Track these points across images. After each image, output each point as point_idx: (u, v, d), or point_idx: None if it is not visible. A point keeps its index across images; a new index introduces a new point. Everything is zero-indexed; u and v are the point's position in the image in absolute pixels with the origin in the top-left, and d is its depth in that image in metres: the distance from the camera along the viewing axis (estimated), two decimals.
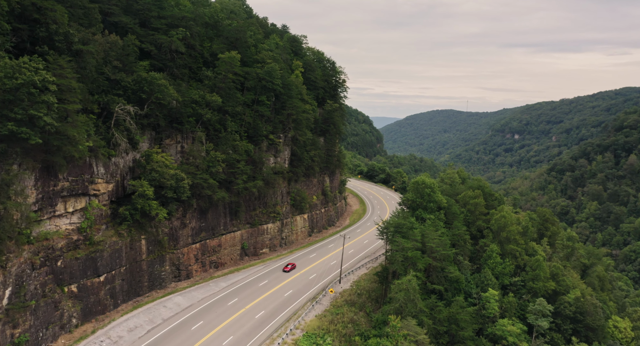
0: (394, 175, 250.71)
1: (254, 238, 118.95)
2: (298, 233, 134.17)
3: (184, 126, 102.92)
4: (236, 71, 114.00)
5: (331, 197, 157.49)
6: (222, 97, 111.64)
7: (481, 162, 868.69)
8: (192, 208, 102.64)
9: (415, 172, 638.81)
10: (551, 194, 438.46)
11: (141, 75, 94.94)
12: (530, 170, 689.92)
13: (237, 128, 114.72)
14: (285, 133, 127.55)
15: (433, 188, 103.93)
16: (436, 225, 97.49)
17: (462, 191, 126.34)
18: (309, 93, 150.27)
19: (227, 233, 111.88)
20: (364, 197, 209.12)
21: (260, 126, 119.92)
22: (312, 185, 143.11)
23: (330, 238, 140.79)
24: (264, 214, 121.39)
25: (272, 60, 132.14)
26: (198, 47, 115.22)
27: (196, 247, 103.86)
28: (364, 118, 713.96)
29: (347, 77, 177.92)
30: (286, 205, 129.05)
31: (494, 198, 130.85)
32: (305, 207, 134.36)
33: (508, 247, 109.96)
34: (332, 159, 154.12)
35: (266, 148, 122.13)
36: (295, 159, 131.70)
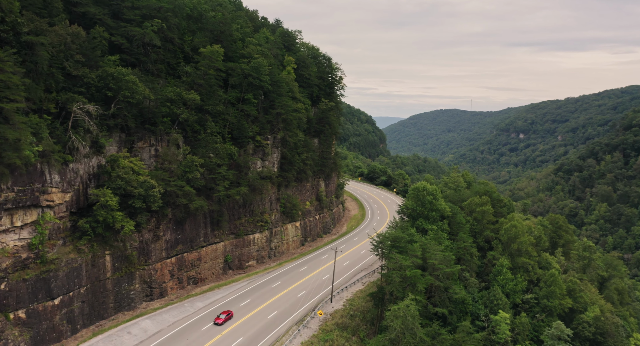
0: (395, 177, 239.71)
1: (238, 250, 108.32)
2: (289, 243, 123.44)
3: (158, 127, 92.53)
4: (218, 66, 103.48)
5: (327, 202, 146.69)
6: (202, 95, 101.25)
7: (486, 161, 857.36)
8: (166, 218, 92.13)
9: (419, 173, 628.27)
10: (559, 195, 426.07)
11: (107, 71, 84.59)
12: (536, 170, 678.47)
13: (219, 129, 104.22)
14: (274, 134, 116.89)
15: (435, 195, 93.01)
16: (439, 237, 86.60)
17: (467, 197, 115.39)
18: (302, 91, 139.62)
19: (207, 245, 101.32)
20: (364, 201, 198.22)
21: (246, 127, 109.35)
22: (304, 190, 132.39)
23: (325, 247, 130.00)
24: (250, 223, 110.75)
25: (261, 56, 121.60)
26: (177, 40, 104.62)
27: (171, 262, 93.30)
28: (366, 118, 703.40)
29: (344, 74, 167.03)
30: (275, 212, 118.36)
31: (503, 204, 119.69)
32: (296, 214, 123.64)
33: (519, 260, 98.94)
34: (327, 162, 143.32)
35: (252, 151, 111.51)
36: (286, 163, 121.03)
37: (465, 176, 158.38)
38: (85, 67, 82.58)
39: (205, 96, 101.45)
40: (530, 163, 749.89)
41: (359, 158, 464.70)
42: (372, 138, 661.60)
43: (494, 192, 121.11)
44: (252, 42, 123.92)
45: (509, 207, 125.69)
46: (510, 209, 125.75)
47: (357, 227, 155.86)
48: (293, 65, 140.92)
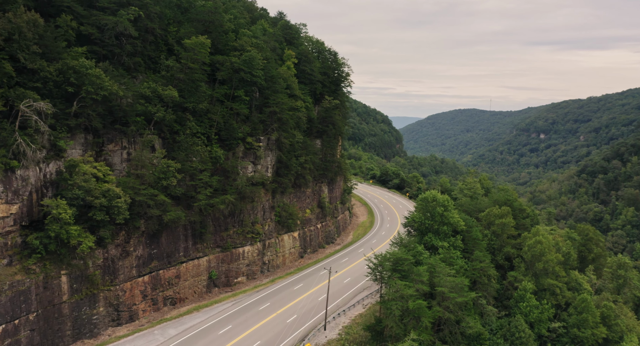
0: (408, 180, 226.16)
1: (225, 265, 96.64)
2: (285, 255, 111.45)
3: (130, 127, 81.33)
4: (202, 59, 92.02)
5: (330, 209, 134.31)
6: (183, 91, 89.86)
7: (505, 162, 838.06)
8: (138, 231, 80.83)
9: (436, 174, 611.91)
10: (582, 198, 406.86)
11: (68, 64, 73.68)
12: (557, 171, 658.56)
13: (204, 129, 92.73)
14: (268, 135, 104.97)
15: (447, 206, 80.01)
16: (450, 257, 73.72)
17: (485, 206, 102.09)
18: (303, 89, 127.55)
19: (188, 260, 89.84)
20: (374, 206, 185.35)
21: (235, 127, 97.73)
22: (304, 196, 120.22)
23: (326, 260, 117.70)
24: (240, 235, 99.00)
25: (255, 48, 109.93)
26: (158, 31, 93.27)
27: (144, 281, 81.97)
28: (382, 118, 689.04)
29: (351, 70, 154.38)
30: (269, 222, 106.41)
31: (526, 215, 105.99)
32: (294, 223, 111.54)
33: (545, 282, 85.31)
34: (330, 165, 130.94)
35: (242, 154, 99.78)
36: (282, 167, 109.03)
37: (482, 181, 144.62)
38: (44, 60, 71.97)
39: (186, 92, 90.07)
40: (551, 164, 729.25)
41: (374, 159, 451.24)
42: (388, 138, 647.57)
43: (515, 200, 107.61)
44: (245, 34, 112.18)
45: (533, 218, 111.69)
46: (534, 221, 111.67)
47: (364, 236, 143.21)
48: (294, 60, 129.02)
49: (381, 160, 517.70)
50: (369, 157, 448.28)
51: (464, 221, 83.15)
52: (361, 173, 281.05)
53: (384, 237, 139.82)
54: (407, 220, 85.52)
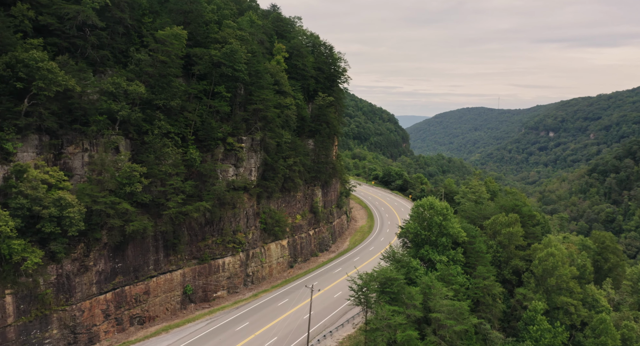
0: (412, 181, 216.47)
1: (203, 279, 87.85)
2: (272, 266, 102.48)
3: (90, 127, 72.78)
4: (176, 52, 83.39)
5: (324, 214, 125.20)
6: (153, 87, 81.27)
7: (514, 161, 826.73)
8: (99, 244, 72.20)
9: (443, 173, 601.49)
10: (594, 199, 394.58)
11: (16, 56, 65.44)
12: (567, 170, 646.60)
13: (178, 129, 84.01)
14: (252, 135, 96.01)
15: (446, 215, 70.52)
16: (449, 274, 64.28)
17: (490, 212, 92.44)
18: (294, 84, 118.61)
19: (159, 274, 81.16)
20: (374, 209, 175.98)
21: (214, 126, 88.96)
22: (294, 201, 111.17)
23: (318, 270, 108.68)
24: (219, 245, 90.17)
25: (239, 41, 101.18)
26: (129, 21, 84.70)
27: (106, 299, 73.35)
28: (388, 117, 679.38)
29: (348, 66, 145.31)
30: (253, 230, 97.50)
31: (536, 222, 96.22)
32: (281, 231, 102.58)
33: (558, 300, 75.59)
34: (324, 167, 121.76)
35: (222, 156, 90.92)
36: (268, 169, 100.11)
37: (488, 184, 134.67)
38: None
39: (157, 88, 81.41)
40: (561, 162, 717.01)
41: (379, 159, 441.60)
42: (394, 137, 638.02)
43: (524, 205, 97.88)
44: (229, 26, 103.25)
45: (544, 226, 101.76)
46: (545, 228, 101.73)
47: (361, 242, 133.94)
48: (284, 54, 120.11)
49: (387, 160, 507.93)
50: (374, 156, 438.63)
51: (466, 231, 73.63)
52: (364, 173, 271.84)
53: (382, 243, 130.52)
54: (401, 230, 76.12)
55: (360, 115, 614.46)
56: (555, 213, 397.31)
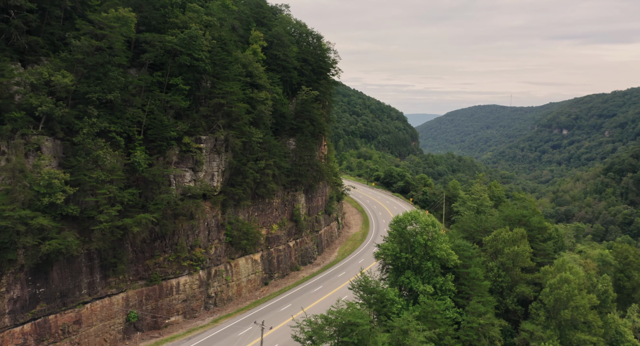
0: (414, 182, 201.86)
1: (152, 302, 74.81)
2: (241, 284, 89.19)
3: (5, 126, 60.23)
4: (116, 37, 70.54)
5: (308, 222, 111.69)
6: (88, 78, 68.53)
7: (526, 159, 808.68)
8: (14, 266, 59.45)
9: (453, 172, 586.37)
10: (610, 199, 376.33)
11: None
12: (581, 168, 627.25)
13: (121, 127, 71.05)
14: (214, 134, 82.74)
15: (433, 234, 56.33)
16: (434, 311, 50.27)
17: (493, 225, 77.96)
18: (272, 77, 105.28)
19: (94, 299, 68.25)
20: (370, 214, 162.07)
21: (167, 124, 75.93)
22: (269, 209, 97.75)
23: (296, 288, 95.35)
24: (172, 262, 77.05)
25: (204, 27, 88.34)
26: (68, 3, 72.12)
27: (23, 331, 60.57)
28: (397, 115, 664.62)
29: (338, 57, 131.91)
30: (216, 244, 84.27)
31: (548, 236, 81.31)
32: (252, 243, 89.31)
33: (574, 337, 60.68)
34: (306, 169, 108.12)
35: (177, 159, 77.80)
36: (235, 173, 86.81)
37: (493, 188, 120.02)
38: None
39: (92, 79, 68.59)
40: (574, 161, 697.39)
41: (386, 158, 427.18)
42: (402, 136, 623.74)
43: (533, 214, 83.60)
44: (194, 9, 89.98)
45: (557, 241, 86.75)
46: (559, 244, 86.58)
47: (351, 253, 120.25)
48: (262, 43, 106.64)
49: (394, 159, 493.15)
50: (380, 155, 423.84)
51: (460, 252, 59.51)
52: (365, 174, 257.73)
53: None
54: (378, 249, 62.17)
55: (367, 113, 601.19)
56: (570, 214, 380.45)
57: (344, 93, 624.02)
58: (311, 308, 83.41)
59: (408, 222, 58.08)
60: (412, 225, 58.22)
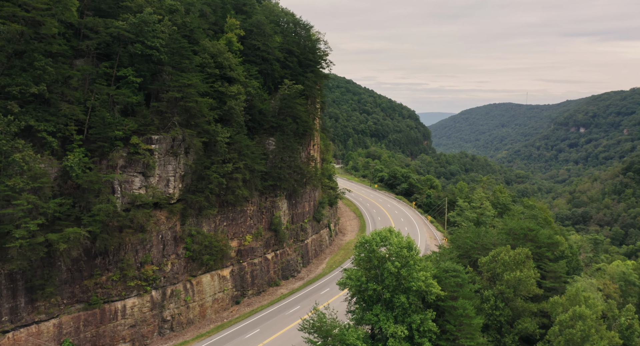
0: (418, 185, 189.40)
1: (92, 329, 64.15)
2: (205, 305, 78.21)
3: None
4: (48, 21, 60.08)
5: (291, 231, 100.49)
6: (11, 68, 58.18)
7: (542, 158, 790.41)
8: None
9: (466, 172, 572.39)
10: (629, 201, 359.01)
11: None
12: (598, 167, 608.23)
13: (53, 126, 60.55)
14: (169, 133, 71.83)
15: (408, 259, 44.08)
16: None
17: (493, 241, 65.49)
18: (250, 69, 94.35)
19: (18, 327, 57.77)
20: (369, 219, 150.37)
21: (111, 122, 65.32)
22: (242, 218, 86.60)
23: (273, 307, 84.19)
24: (117, 282, 66.33)
25: (166, 12, 77.83)
26: None
27: None
28: (409, 113, 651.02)
29: (329, 48, 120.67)
30: (173, 259, 73.39)
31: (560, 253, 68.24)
32: (217, 258, 78.34)
33: None
34: (287, 173, 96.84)
35: (124, 163, 67.07)
36: (197, 178, 75.87)
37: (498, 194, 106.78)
38: None
39: (16, 70, 58.22)
40: (592, 160, 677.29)
41: (395, 158, 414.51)
42: (414, 134, 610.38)
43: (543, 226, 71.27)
44: None
45: (571, 260, 73.24)
46: (573, 263, 73.03)
47: (341, 264, 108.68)
48: (238, 31, 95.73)
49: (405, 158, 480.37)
50: (390, 155, 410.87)
51: (446, 280, 47.62)
52: (370, 175, 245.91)
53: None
54: (343, 276, 50.15)
55: (378, 111, 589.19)
56: (587, 216, 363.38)
57: (354, 91, 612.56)
58: (280, 335, 72.17)
59: (376, 244, 46.44)
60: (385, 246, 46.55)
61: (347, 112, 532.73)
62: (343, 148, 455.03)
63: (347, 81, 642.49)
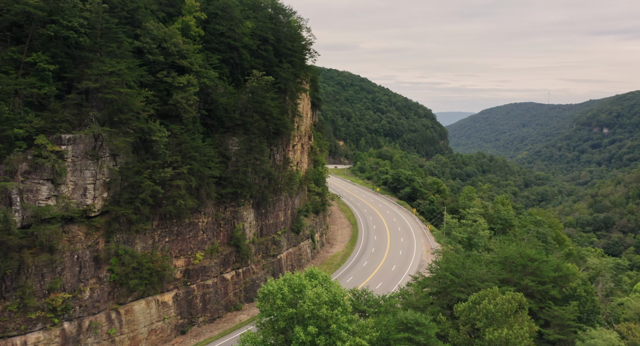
0: (422, 189, 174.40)
1: None
2: (138, 338, 65.30)
3: None
4: None
5: (258, 246, 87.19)
6: None
7: (564, 159, 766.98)
8: None
9: (483, 173, 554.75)
10: None
11: None
12: (622, 170, 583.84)
13: None
14: (87, 131, 58.97)
15: (328, 321, 29.95)
16: None
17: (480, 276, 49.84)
18: (209, 57, 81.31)
19: None
20: (362, 228, 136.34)
21: (9, 118, 52.90)
22: (191, 232, 73.48)
23: (226, 338, 71.18)
24: (16, 313, 53.61)
25: None
26: None
27: None
28: (425, 112, 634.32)
29: (313, 37, 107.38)
30: (94, 284, 60.58)
31: (570, 291, 52.29)
32: (155, 281, 65.40)
33: None
34: (252, 178, 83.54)
35: (29, 168, 54.51)
36: (129, 186, 62.94)
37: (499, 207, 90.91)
38: None
39: None
40: (616, 161, 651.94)
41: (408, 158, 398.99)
42: (430, 134, 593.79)
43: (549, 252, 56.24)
44: None
45: (585, 301, 55.93)
46: (588, 305, 55.84)
47: None
48: (198, 14, 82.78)
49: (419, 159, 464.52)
50: (402, 155, 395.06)
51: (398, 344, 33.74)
52: (375, 177, 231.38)
53: (350, 285, 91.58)
54: (238, 341, 36.35)
55: (393, 110, 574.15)
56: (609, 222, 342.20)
57: (368, 89, 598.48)
58: None
59: (283, 297, 32.78)
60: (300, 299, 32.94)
61: (361, 111, 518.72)
62: (355, 148, 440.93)
63: (361, 79, 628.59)
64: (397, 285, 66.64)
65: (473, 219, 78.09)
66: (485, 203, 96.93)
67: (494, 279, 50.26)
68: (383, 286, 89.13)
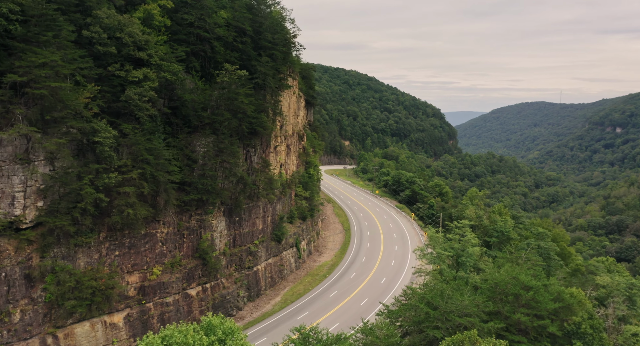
0: (423, 192, 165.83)
1: None
2: None
3: None
4: None
5: (227, 258, 79.48)
6: None
7: (576, 159, 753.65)
8: None
9: (492, 174, 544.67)
10: None
11: None
12: (636, 170, 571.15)
13: None
14: (9, 128, 51.51)
15: None
16: None
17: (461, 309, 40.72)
18: (174, 48, 73.80)
19: None
20: (356, 234, 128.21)
21: None
22: (147, 244, 65.87)
23: None
24: None
25: None
26: None
27: None
28: (433, 112, 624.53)
29: (298, 30, 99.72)
30: (25, 305, 53.05)
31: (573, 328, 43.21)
32: (102, 301, 57.92)
33: None
34: (222, 184, 75.84)
35: None
36: (67, 194, 55.41)
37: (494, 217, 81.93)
38: None
39: None
40: (629, 162, 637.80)
41: (415, 158, 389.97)
42: (438, 134, 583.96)
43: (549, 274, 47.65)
44: None
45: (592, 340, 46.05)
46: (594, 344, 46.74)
47: (301, 298, 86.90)
48: (164, 3, 75.24)
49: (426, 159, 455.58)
50: (409, 155, 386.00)
51: None
52: (376, 179, 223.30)
53: (330, 301, 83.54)
54: None
55: (401, 109, 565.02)
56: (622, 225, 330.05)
57: (376, 88, 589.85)
58: None
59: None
60: None
61: (367, 110, 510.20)
62: (361, 147, 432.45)
63: (368, 78, 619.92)
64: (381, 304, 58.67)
65: (461, 233, 69.49)
66: (479, 213, 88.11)
67: (479, 313, 41.89)
68: (367, 304, 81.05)
